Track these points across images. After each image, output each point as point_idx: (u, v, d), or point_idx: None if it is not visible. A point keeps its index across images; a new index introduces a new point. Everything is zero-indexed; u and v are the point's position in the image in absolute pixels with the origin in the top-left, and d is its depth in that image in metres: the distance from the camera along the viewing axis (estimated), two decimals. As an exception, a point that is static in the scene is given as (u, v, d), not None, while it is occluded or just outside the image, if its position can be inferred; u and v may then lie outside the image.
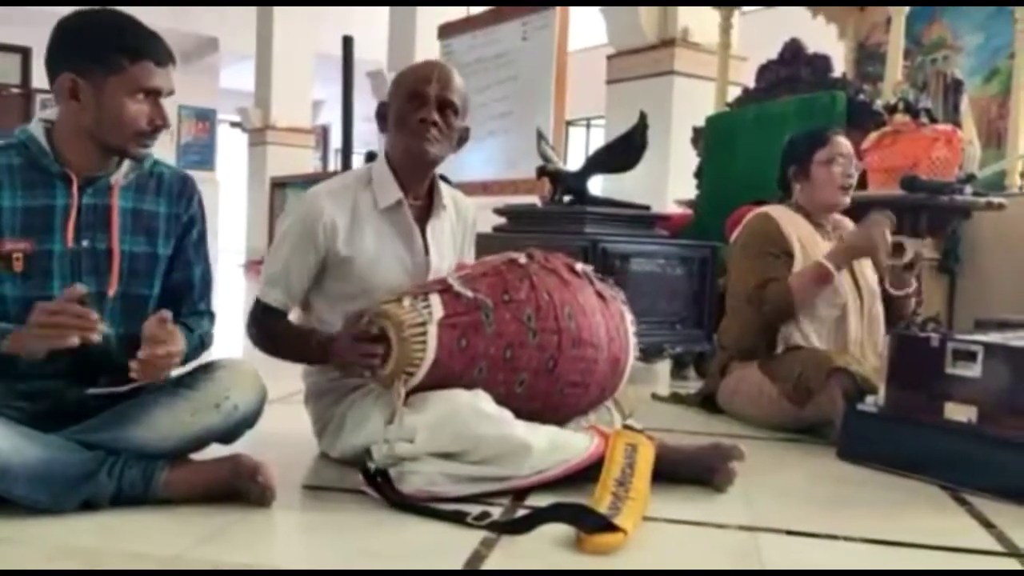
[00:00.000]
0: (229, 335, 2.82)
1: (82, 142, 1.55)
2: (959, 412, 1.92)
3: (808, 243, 2.45)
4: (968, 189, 3.24)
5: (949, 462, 1.89)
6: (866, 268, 2.52)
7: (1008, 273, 3.78)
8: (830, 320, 2.43)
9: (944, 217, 3.36)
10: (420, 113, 1.81)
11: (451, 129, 1.85)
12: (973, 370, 1.91)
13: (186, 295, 1.71)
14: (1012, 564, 1.47)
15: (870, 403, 2.10)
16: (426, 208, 1.93)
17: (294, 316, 1.94)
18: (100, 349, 1.48)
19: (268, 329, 1.87)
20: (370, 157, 3.73)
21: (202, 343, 1.70)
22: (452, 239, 1.99)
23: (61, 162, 1.55)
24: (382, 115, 1.91)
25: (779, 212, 2.54)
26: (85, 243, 1.55)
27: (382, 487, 1.59)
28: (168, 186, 1.68)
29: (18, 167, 1.53)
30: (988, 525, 1.65)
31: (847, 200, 2.52)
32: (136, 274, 1.61)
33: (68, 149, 1.56)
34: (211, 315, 1.77)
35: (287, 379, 1.95)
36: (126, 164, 1.62)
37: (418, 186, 1.91)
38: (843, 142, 2.53)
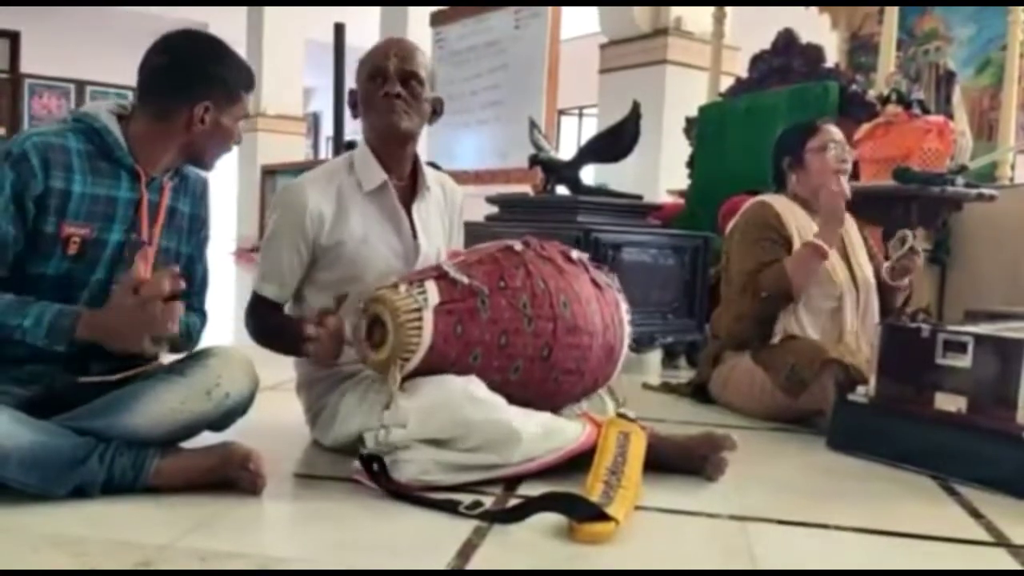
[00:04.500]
0: (220, 323, 2.80)
1: (166, 149, 1.63)
2: (949, 402, 1.93)
3: (806, 232, 2.44)
4: (959, 180, 3.24)
5: (939, 453, 1.90)
6: (862, 260, 2.53)
7: (998, 264, 3.80)
8: (826, 311, 2.43)
9: (935, 208, 3.36)
10: (384, 88, 1.81)
11: (418, 100, 1.85)
12: (963, 361, 1.91)
13: (186, 292, 1.71)
14: (1001, 554, 1.47)
15: (860, 393, 2.11)
16: (411, 190, 1.93)
17: (287, 310, 1.93)
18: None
19: (263, 321, 1.87)
20: (349, 146, 3.71)
21: (189, 334, 1.73)
22: (440, 221, 1.99)
23: (133, 157, 1.60)
24: (353, 102, 1.92)
25: (777, 200, 2.54)
26: (134, 236, 1.61)
27: (376, 475, 1.59)
28: (193, 187, 1.77)
29: (87, 153, 1.57)
30: (977, 515, 1.66)
31: (845, 186, 2.41)
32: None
33: (142, 149, 1.62)
34: (203, 314, 1.81)
35: (279, 367, 1.94)
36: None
37: (400, 166, 1.90)
38: (833, 129, 2.54)
